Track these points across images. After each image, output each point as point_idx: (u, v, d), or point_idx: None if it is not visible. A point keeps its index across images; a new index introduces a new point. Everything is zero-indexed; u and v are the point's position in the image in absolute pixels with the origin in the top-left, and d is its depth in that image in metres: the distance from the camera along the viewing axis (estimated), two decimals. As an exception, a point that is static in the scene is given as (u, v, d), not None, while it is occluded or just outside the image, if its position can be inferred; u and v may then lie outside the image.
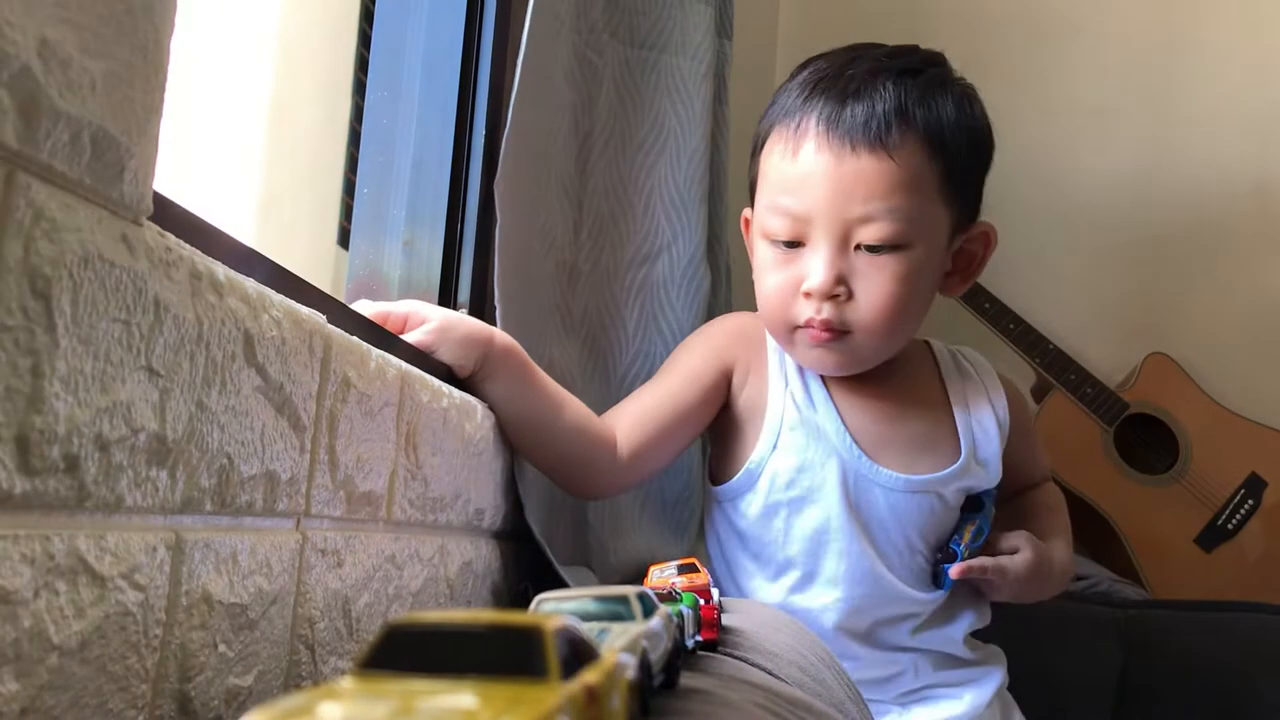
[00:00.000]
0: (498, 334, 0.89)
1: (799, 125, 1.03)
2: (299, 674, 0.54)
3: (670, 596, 0.48)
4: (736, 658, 0.55)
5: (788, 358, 1.11)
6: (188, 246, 0.44)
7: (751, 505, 1.10)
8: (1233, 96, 2.00)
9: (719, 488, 1.13)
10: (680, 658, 0.43)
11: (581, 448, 0.98)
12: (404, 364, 0.67)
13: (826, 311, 1.02)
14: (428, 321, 0.84)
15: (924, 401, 1.15)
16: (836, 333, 1.03)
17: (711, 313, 1.36)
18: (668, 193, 1.25)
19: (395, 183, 1.04)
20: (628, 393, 1.23)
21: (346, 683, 0.26)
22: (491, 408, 0.90)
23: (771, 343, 1.12)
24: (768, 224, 1.05)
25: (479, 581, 0.84)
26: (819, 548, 1.08)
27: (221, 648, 0.47)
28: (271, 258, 0.61)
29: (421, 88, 1.04)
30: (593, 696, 0.27)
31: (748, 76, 1.73)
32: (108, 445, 0.39)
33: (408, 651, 0.27)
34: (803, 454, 1.08)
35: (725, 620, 0.60)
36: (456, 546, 0.78)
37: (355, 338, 0.60)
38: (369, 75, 1.05)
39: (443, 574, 0.75)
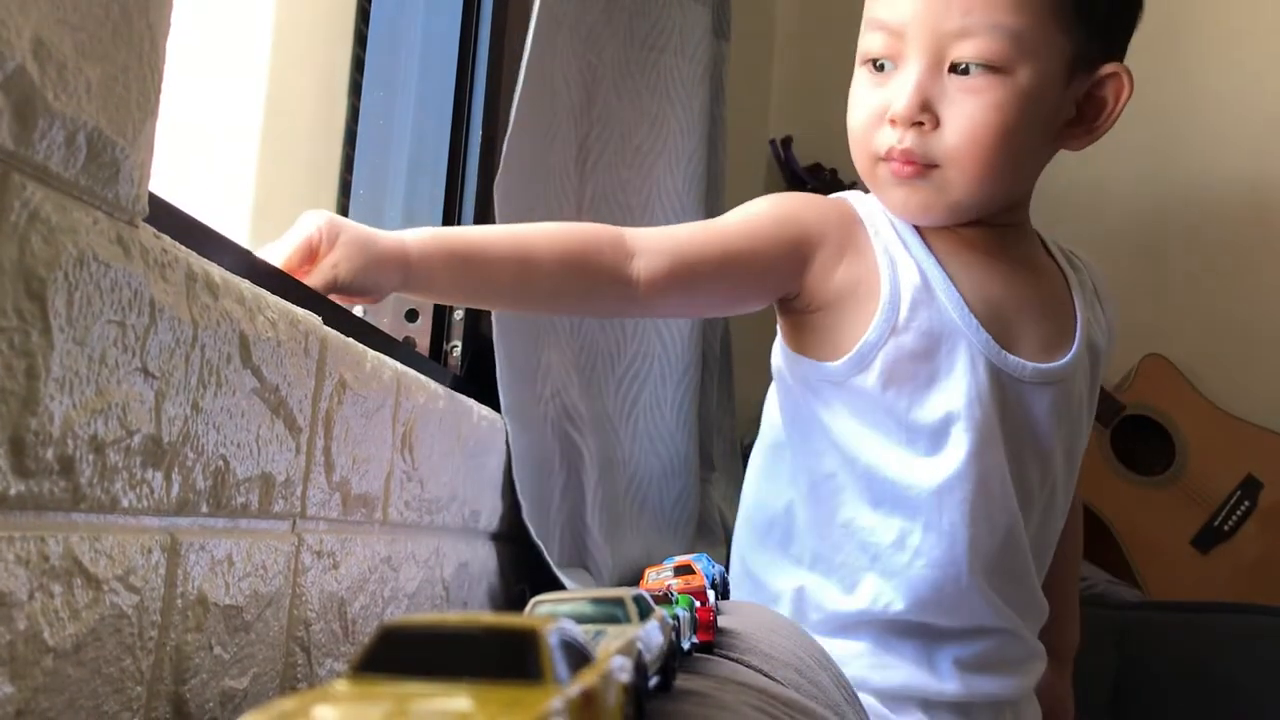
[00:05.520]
0: (410, 242, 0.78)
1: None
2: (294, 676, 0.54)
3: (666, 599, 0.48)
4: (732, 660, 0.55)
5: (887, 231, 0.97)
6: (183, 248, 0.44)
7: (867, 381, 0.95)
8: (1231, 98, 2.00)
9: (824, 365, 0.97)
10: (676, 660, 0.43)
11: (578, 284, 0.88)
12: (400, 365, 0.67)
13: (908, 140, 0.91)
14: (332, 254, 0.73)
15: (1046, 277, 1.03)
16: (920, 167, 0.92)
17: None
18: (666, 194, 1.25)
19: (391, 184, 1.04)
20: (627, 395, 1.23)
21: (341, 685, 0.26)
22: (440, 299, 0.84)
23: (869, 220, 0.98)
24: (862, 43, 0.95)
25: (475, 583, 0.84)
26: (942, 438, 0.94)
27: (217, 650, 0.47)
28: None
29: (418, 88, 1.04)
30: (588, 699, 0.27)
31: (745, 78, 1.74)
32: (103, 447, 0.39)
33: (403, 654, 0.27)
34: (925, 338, 0.94)
35: (721, 622, 0.60)
36: (453, 548, 0.78)
37: (351, 339, 0.60)
38: (365, 76, 1.05)
39: (439, 575, 0.75)
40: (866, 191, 1.01)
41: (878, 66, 0.94)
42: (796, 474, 1.00)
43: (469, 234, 0.88)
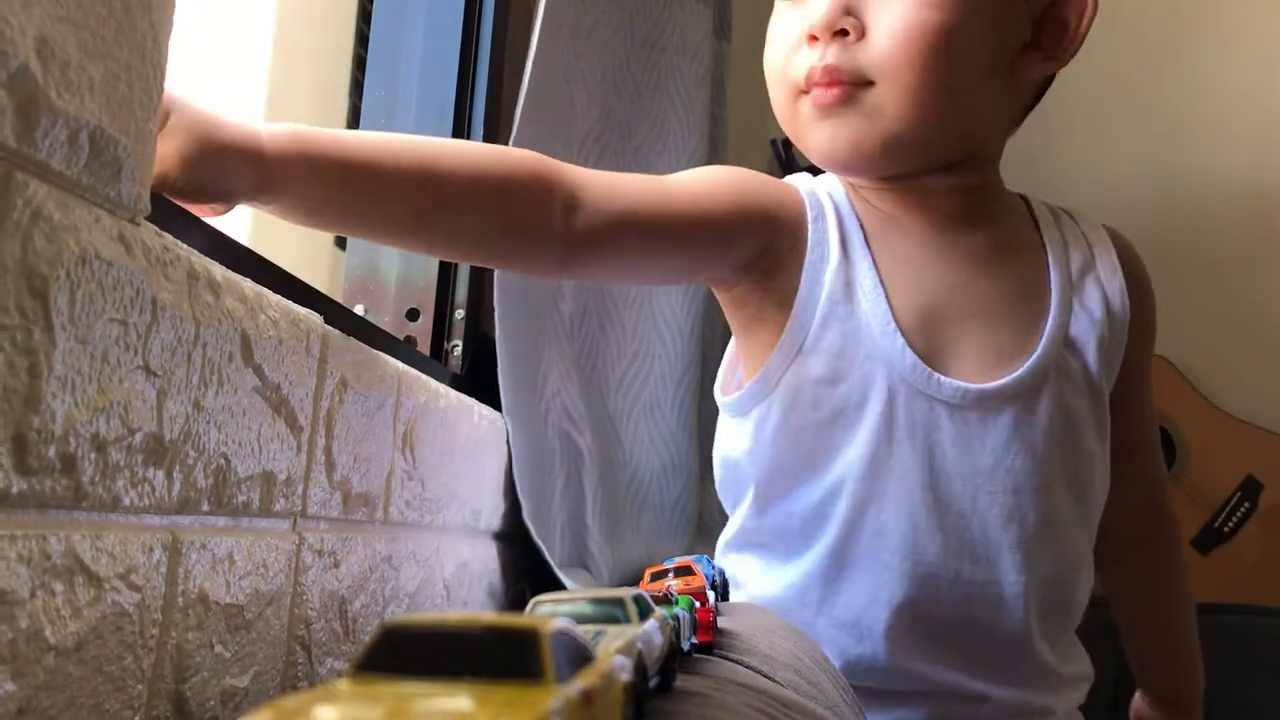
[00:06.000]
0: (265, 138, 0.58)
1: None
2: (295, 675, 0.54)
3: (666, 599, 0.48)
4: (732, 660, 0.55)
5: (829, 210, 0.83)
6: (185, 246, 0.44)
7: (769, 412, 0.81)
8: (1232, 100, 2.00)
9: (729, 397, 0.85)
10: (676, 660, 0.43)
11: (494, 234, 0.70)
12: (401, 364, 0.67)
13: (831, 55, 0.76)
14: (160, 141, 0.52)
15: (1019, 257, 0.85)
16: (846, 87, 0.76)
17: (710, 314, 1.37)
18: (666, 194, 1.25)
19: (393, 183, 1.03)
20: (627, 394, 1.23)
21: (342, 684, 0.26)
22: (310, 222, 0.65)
23: (810, 201, 0.83)
24: None
25: (475, 582, 0.84)
26: (855, 511, 0.79)
27: (218, 648, 0.47)
28: (268, 258, 0.61)
29: (419, 88, 1.04)
30: (589, 699, 0.27)
31: (745, 78, 1.73)
32: (104, 445, 0.39)
33: (403, 653, 0.27)
34: (835, 360, 0.79)
35: (721, 623, 0.60)
36: (453, 547, 0.78)
37: (352, 338, 0.60)
38: (366, 75, 1.05)
39: (439, 575, 0.75)
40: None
41: None
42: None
43: (352, 140, 0.64)
